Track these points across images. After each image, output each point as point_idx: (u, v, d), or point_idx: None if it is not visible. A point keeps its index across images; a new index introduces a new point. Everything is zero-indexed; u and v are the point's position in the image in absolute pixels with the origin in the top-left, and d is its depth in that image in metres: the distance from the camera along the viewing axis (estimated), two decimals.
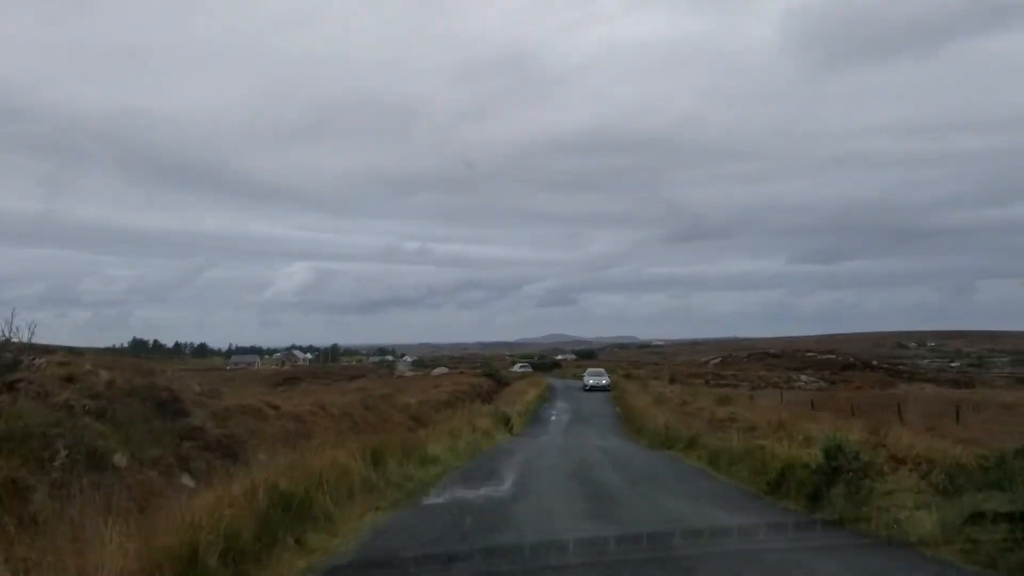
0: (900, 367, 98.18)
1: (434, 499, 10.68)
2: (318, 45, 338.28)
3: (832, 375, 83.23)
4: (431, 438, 16.34)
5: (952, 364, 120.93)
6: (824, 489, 9.17)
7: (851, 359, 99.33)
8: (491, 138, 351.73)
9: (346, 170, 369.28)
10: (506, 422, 27.98)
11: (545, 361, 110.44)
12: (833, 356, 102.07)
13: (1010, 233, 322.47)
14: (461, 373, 66.89)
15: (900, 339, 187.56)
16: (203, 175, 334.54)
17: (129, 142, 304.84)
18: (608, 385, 50.38)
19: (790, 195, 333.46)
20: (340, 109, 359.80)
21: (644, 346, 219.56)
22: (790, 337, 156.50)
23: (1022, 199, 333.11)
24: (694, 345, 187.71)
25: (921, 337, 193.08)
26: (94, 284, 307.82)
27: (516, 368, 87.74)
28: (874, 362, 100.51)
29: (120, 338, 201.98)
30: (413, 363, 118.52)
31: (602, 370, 57.24)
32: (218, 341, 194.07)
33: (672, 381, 49.10)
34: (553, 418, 34.60)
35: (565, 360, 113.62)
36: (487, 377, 55.20)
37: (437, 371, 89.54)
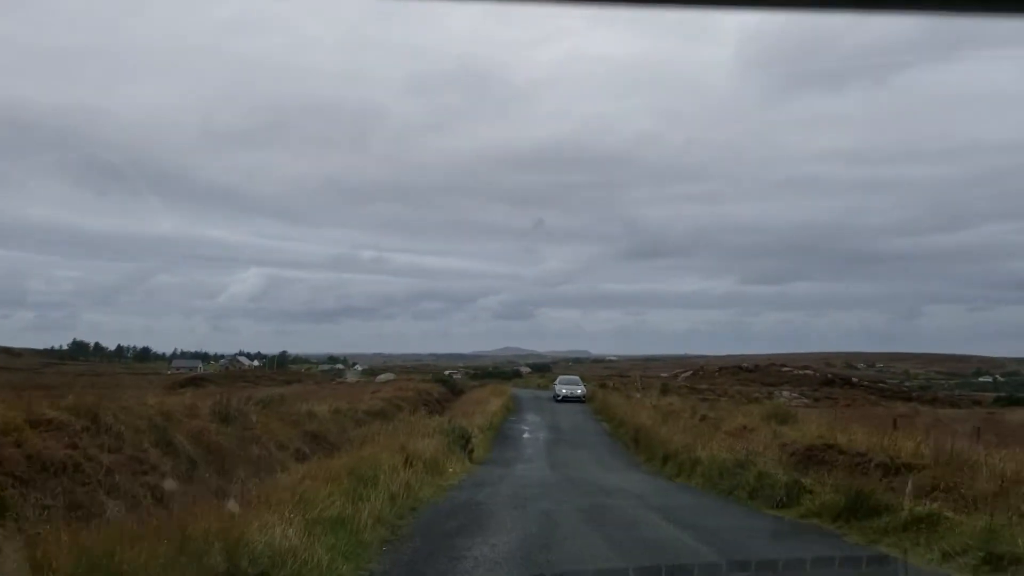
0: (881, 385, 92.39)
1: None
2: (273, 51, 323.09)
3: (813, 391, 77.09)
4: (307, 491, 6.88)
5: (905, 384, 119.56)
6: None
7: (830, 375, 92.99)
8: (449, 150, 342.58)
9: (300, 177, 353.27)
10: (464, 443, 18.91)
11: (503, 371, 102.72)
12: (811, 372, 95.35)
13: (956, 260, 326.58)
14: (408, 379, 57.23)
15: (848, 360, 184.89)
16: (153, 178, 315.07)
17: (77, 142, 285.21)
18: (584, 395, 41.57)
19: (743, 216, 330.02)
20: (295, 116, 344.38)
21: (598, 360, 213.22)
22: (740, 355, 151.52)
23: (967, 227, 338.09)
24: (647, 361, 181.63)
25: (869, 359, 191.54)
26: (39, 285, 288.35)
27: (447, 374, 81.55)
28: (854, 379, 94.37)
29: (62, 340, 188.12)
30: (363, 371, 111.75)
31: (577, 378, 47.92)
32: (165, 346, 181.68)
33: (665, 392, 40.45)
34: (526, 435, 25.76)
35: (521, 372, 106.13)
36: (438, 383, 45.69)
37: (382, 377, 79.55)
